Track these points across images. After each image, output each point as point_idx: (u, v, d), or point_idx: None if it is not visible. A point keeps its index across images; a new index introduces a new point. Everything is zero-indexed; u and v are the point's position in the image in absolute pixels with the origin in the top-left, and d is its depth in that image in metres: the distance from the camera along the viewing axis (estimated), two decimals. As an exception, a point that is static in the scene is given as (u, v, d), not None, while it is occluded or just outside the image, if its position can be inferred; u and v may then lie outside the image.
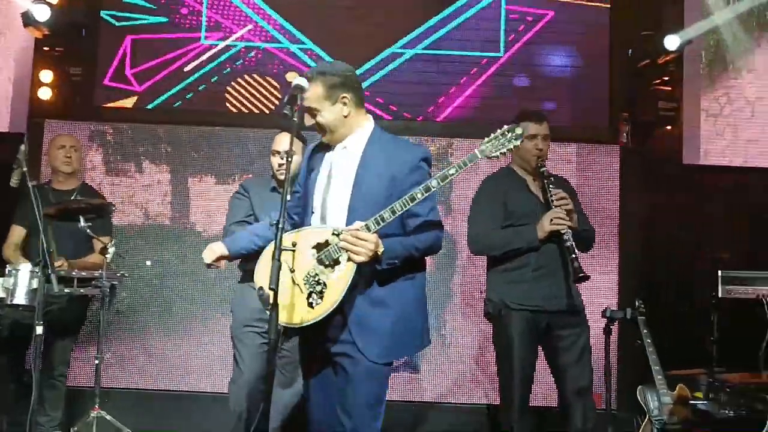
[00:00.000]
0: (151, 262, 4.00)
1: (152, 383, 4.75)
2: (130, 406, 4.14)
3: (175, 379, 4.77)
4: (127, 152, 4.99)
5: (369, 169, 2.51)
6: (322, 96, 2.52)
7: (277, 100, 5.28)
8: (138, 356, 4.76)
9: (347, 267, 2.40)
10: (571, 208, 3.36)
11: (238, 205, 3.51)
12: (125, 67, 5.31)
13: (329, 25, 5.35)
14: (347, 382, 2.50)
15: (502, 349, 3.41)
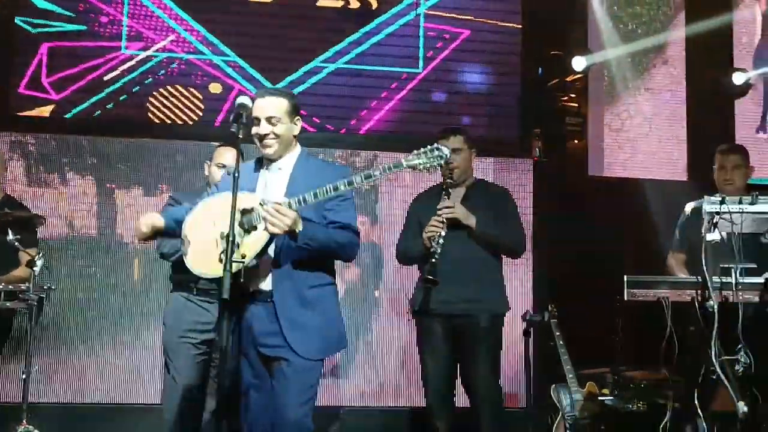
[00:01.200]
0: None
1: (80, 397, 4.68)
2: (57, 421, 4.05)
3: (103, 391, 4.72)
4: (51, 163, 4.91)
5: (298, 187, 2.67)
6: (286, 110, 2.74)
7: (200, 110, 5.30)
8: (64, 370, 4.68)
9: (261, 236, 2.57)
10: (451, 216, 3.57)
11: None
12: (41, 75, 5.19)
13: (252, 38, 5.42)
14: (282, 381, 2.66)
15: None
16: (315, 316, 2.71)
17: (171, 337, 3.51)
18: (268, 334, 2.68)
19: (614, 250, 5.08)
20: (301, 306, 2.69)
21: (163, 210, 3.49)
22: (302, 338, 2.67)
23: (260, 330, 2.69)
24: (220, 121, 5.29)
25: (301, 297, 2.70)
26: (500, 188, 4.04)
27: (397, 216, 5.14)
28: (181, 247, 2.71)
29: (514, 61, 5.61)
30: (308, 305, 2.70)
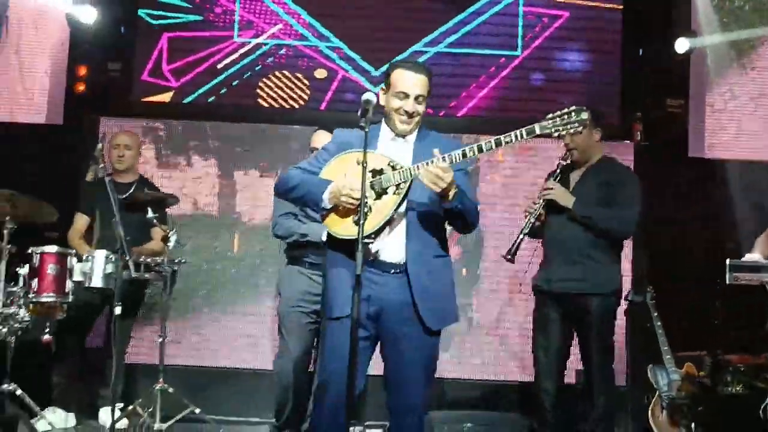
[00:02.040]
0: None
1: (204, 360, 5.11)
2: (185, 381, 4.45)
3: (224, 356, 5.13)
4: (178, 147, 5.34)
5: (423, 157, 2.68)
6: (429, 89, 2.78)
7: (306, 95, 5.57)
8: (190, 335, 5.11)
9: (391, 199, 2.65)
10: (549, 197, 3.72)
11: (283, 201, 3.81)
12: (162, 63, 5.59)
13: (356, 24, 5.62)
14: (409, 353, 2.69)
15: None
16: (439, 286, 2.74)
17: (285, 306, 3.82)
18: (400, 305, 2.69)
19: (714, 233, 5.05)
20: (428, 276, 2.70)
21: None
22: (430, 309, 2.69)
23: (391, 301, 2.69)
24: (326, 105, 5.56)
25: (428, 266, 2.71)
26: (621, 169, 3.98)
27: (497, 198, 5.32)
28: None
29: (614, 42, 5.59)
30: (433, 275, 2.72)
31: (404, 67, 2.79)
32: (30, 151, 5.20)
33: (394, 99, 2.76)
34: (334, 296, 2.72)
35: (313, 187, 2.73)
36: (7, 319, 3.56)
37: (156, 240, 4.29)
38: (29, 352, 3.85)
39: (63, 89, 5.52)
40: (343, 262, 2.70)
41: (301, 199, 2.83)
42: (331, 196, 2.66)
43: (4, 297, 3.57)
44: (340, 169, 2.71)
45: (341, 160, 2.76)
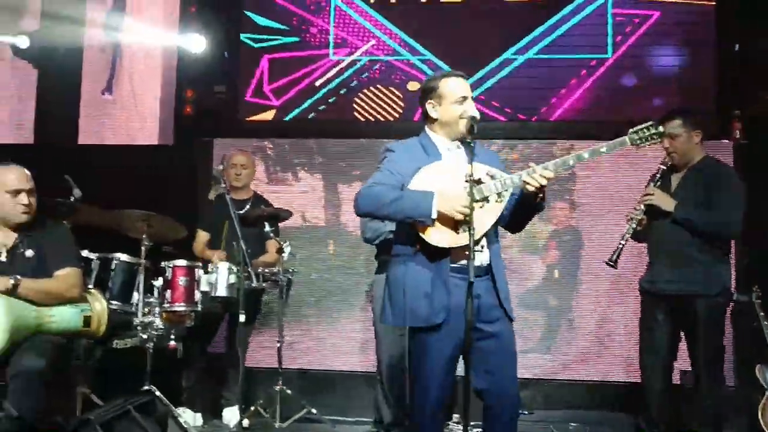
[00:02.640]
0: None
1: (315, 363, 5.40)
2: (301, 384, 4.75)
3: (335, 360, 5.41)
4: (284, 163, 5.68)
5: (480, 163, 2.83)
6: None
7: (401, 108, 5.77)
8: (304, 340, 5.43)
9: (494, 207, 2.75)
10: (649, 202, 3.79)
11: None
12: (264, 84, 5.92)
13: (445, 37, 5.78)
14: (502, 353, 2.81)
15: None
16: (505, 282, 2.87)
17: (379, 311, 4.02)
18: (490, 307, 2.80)
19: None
20: (501, 274, 2.86)
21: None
22: (508, 305, 2.85)
23: (483, 305, 2.77)
24: (420, 117, 5.73)
25: (500, 266, 2.87)
26: (724, 170, 3.96)
27: (594, 201, 5.37)
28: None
29: (707, 39, 5.51)
30: (502, 272, 2.88)
31: (450, 75, 2.94)
32: (144, 172, 5.62)
33: (455, 106, 2.87)
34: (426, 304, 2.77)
35: (415, 199, 2.75)
36: (146, 327, 3.92)
37: (271, 252, 4.60)
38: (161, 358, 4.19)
39: (172, 112, 5.95)
40: (423, 270, 2.79)
41: (398, 213, 2.79)
42: (440, 208, 2.72)
43: (143, 307, 3.92)
44: (429, 181, 2.79)
45: (428, 172, 2.82)
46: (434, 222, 2.74)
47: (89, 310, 3.45)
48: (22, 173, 3.40)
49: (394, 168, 2.86)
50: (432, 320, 2.77)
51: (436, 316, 2.76)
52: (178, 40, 5.69)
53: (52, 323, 3.26)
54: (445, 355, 2.80)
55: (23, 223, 3.38)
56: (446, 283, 2.77)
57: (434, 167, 2.84)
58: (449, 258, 2.79)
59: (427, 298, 2.77)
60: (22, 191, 3.35)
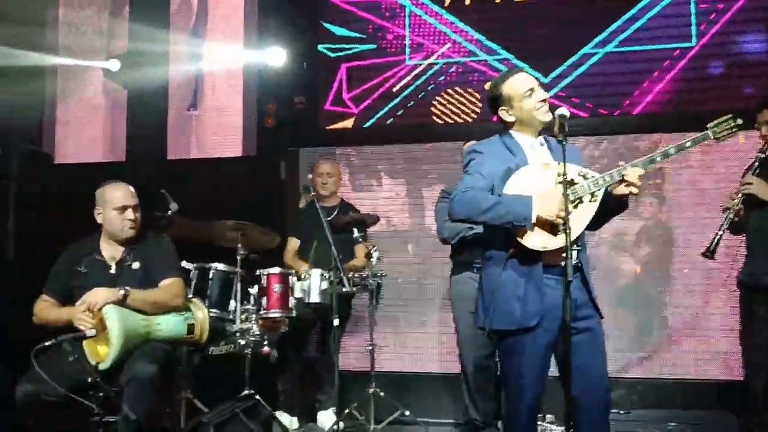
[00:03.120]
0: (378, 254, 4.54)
1: (406, 366, 5.47)
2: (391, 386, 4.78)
3: (424, 362, 5.47)
4: (368, 170, 5.77)
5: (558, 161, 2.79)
6: None
7: (478, 109, 5.77)
8: (394, 343, 5.50)
9: (588, 207, 2.75)
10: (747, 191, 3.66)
11: (446, 207, 4.00)
12: (342, 92, 6.03)
13: (521, 35, 5.75)
14: (594, 349, 2.80)
15: None
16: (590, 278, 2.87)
17: (458, 312, 4.06)
18: (581, 305, 2.79)
19: None
20: (588, 271, 2.86)
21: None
22: (595, 298, 2.85)
23: (575, 302, 2.73)
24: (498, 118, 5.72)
25: (586, 261, 2.86)
26: None
27: (683, 194, 5.23)
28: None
29: (799, 21, 5.33)
30: (588, 269, 2.87)
31: (509, 75, 2.95)
32: (229, 184, 5.80)
33: (526, 101, 2.87)
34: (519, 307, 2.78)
35: (512, 206, 2.75)
36: (243, 334, 4.05)
37: (360, 257, 4.69)
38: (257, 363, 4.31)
39: (254, 125, 6.13)
40: (517, 273, 2.80)
41: (495, 219, 2.79)
42: (539, 212, 2.71)
43: (240, 314, 4.06)
44: (524, 185, 2.79)
45: (522, 175, 2.82)
46: (533, 226, 2.75)
47: (192, 318, 3.60)
48: (128, 190, 3.57)
49: (483, 170, 2.87)
50: (525, 323, 2.78)
51: (529, 319, 2.77)
52: (258, 56, 5.86)
53: (159, 331, 3.42)
54: (539, 354, 2.81)
55: (130, 237, 3.54)
56: (540, 286, 2.78)
57: (529, 169, 2.84)
58: (542, 260, 2.79)
59: (520, 301, 2.79)
60: (128, 207, 3.52)
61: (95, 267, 3.51)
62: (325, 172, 4.90)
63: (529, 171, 2.84)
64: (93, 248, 3.55)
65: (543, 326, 2.77)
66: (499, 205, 2.77)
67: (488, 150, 2.93)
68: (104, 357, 3.19)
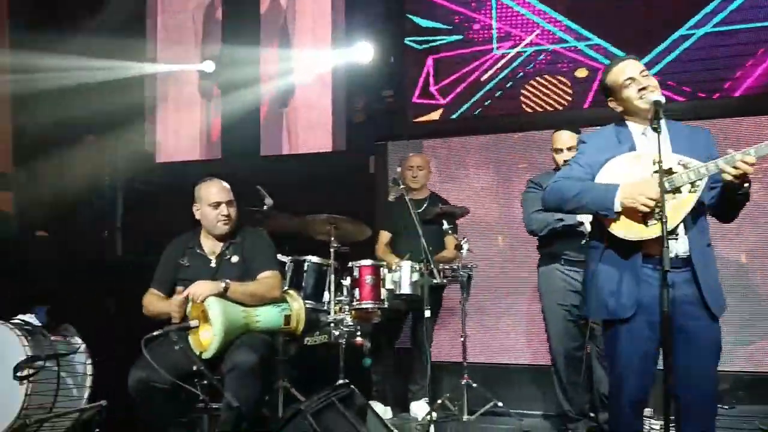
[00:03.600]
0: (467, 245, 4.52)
1: (497, 357, 5.43)
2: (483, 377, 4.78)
3: (515, 353, 5.41)
4: (456, 161, 5.76)
5: (681, 147, 2.75)
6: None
7: (569, 96, 5.66)
8: (484, 334, 5.47)
9: (687, 198, 2.65)
10: None
11: (534, 197, 3.97)
12: (429, 84, 6.04)
13: (612, 19, 5.58)
14: (701, 346, 2.71)
15: None
16: (715, 275, 2.77)
17: (548, 304, 4.00)
18: (687, 301, 2.71)
19: None
20: (706, 267, 2.74)
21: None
22: (715, 299, 2.73)
23: (679, 297, 2.70)
24: (589, 104, 5.60)
25: (705, 257, 2.75)
26: None
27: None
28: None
29: None
30: (709, 265, 2.76)
31: (614, 64, 2.91)
32: (320, 177, 5.92)
33: (626, 90, 2.83)
34: (614, 298, 2.75)
35: (598, 193, 2.74)
36: (338, 324, 4.15)
37: (450, 248, 4.70)
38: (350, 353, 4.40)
39: (343, 119, 6.23)
40: (613, 263, 2.76)
41: (582, 208, 2.82)
42: (623, 200, 2.68)
43: (334, 305, 4.15)
44: (618, 172, 2.75)
45: (617, 163, 2.79)
46: (620, 215, 2.70)
47: (289, 310, 3.71)
48: (222, 187, 3.71)
49: (583, 160, 2.87)
50: (619, 314, 2.75)
51: (623, 309, 2.73)
52: (346, 53, 5.95)
53: (258, 322, 3.54)
54: (639, 345, 2.75)
55: (225, 232, 3.68)
56: (637, 276, 2.72)
57: (625, 157, 2.79)
58: (641, 251, 2.73)
59: (615, 291, 2.75)
60: (222, 203, 3.66)
61: (197, 261, 3.67)
62: (415, 165, 4.93)
63: (625, 159, 2.79)
64: (195, 243, 3.72)
65: (642, 317, 2.71)
66: (584, 194, 2.77)
67: (593, 139, 2.94)
68: (207, 347, 3.33)
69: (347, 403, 3.25)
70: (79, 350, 3.91)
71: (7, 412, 3.53)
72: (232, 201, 3.71)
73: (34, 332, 3.77)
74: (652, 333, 2.71)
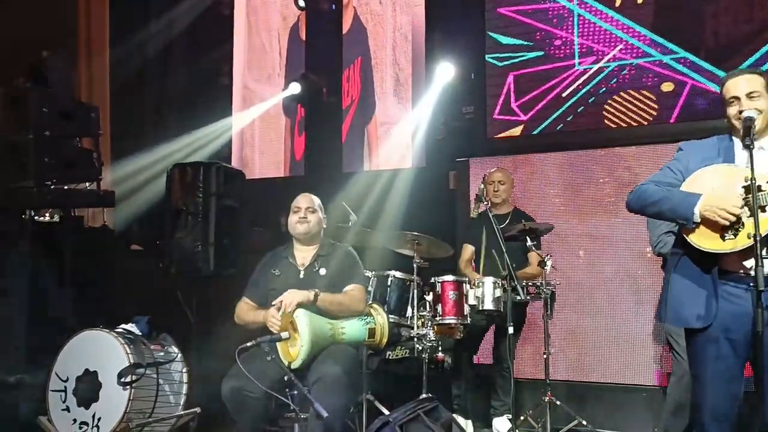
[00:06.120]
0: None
1: (582, 375, 5.34)
2: (567, 395, 4.76)
3: (601, 371, 5.31)
4: (539, 177, 5.76)
5: None
6: (764, 86, 2.80)
7: (654, 111, 5.56)
8: (569, 351, 5.41)
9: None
10: None
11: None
12: (510, 101, 6.06)
13: (699, 30, 5.48)
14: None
15: None
16: None
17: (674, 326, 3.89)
18: None
19: None
20: None
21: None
22: None
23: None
24: (675, 118, 5.50)
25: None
26: None
27: None
28: None
29: None
30: None
31: (731, 76, 2.86)
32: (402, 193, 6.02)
33: (728, 108, 2.82)
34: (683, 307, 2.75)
35: (678, 200, 2.73)
36: (420, 339, 4.21)
37: (533, 264, 4.70)
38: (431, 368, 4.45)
39: (424, 136, 6.33)
40: (688, 273, 2.76)
41: (662, 214, 2.82)
42: (703, 210, 2.66)
43: (417, 320, 4.22)
44: (705, 182, 2.74)
45: (705, 173, 2.77)
46: (699, 225, 2.69)
47: (373, 323, 3.81)
48: (307, 197, 3.93)
49: (675, 166, 2.88)
50: (688, 323, 2.76)
51: (692, 320, 2.73)
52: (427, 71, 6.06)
53: (344, 334, 3.65)
54: (722, 362, 2.71)
55: (306, 235, 3.82)
56: (713, 290, 2.69)
57: (717, 168, 2.78)
58: (719, 264, 2.70)
59: (684, 300, 2.76)
60: (302, 208, 3.85)
61: (287, 271, 3.83)
62: (497, 180, 4.97)
63: (716, 170, 2.78)
64: (287, 253, 3.89)
65: (723, 335, 2.67)
66: (665, 200, 2.77)
67: (691, 148, 2.93)
68: (295, 357, 3.45)
69: (433, 416, 3.30)
70: (176, 359, 4.11)
71: (113, 415, 3.76)
72: (314, 209, 3.87)
73: (135, 341, 4.00)
74: (734, 351, 2.68)
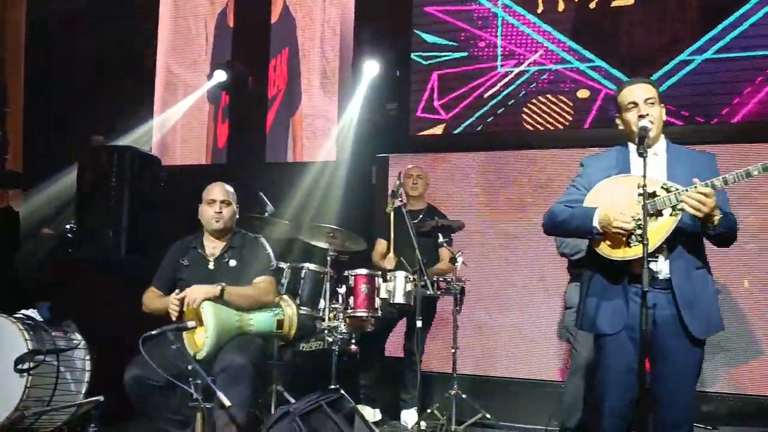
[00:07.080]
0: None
1: (487, 370, 5.50)
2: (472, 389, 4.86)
3: (506, 366, 5.47)
4: (456, 176, 5.87)
5: (677, 172, 2.82)
6: (657, 95, 2.91)
7: (570, 116, 5.75)
8: (476, 347, 5.54)
9: (668, 221, 2.70)
10: None
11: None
12: (433, 99, 6.15)
13: (615, 42, 5.69)
14: (673, 366, 2.75)
15: None
16: (702, 296, 2.78)
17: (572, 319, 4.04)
18: (667, 319, 2.76)
19: None
20: (691, 287, 2.76)
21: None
22: (696, 318, 2.75)
23: (661, 318, 2.75)
24: (589, 124, 5.70)
25: (690, 279, 2.77)
26: None
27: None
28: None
29: None
30: (696, 287, 2.78)
31: (625, 85, 2.95)
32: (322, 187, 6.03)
33: (626, 114, 2.90)
34: (597, 313, 2.85)
35: (580, 218, 2.84)
36: (332, 331, 4.23)
37: (444, 261, 4.79)
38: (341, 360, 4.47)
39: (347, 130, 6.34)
40: (601, 281, 2.87)
41: (573, 232, 2.94)
42: (601, 223, 2.76)
43: (329, 312, 4.24)
44: (606, 194, 2.84)
45: (604, 186, 2.87)
46: (605, 237, 2.79)
47: (282, 314, 3.81)
48: (222, 188, 3.86)
49: (579, 182, 2.99)
50: (601, 329, 2.86)
51: (604, 326, 2.84)
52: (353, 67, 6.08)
53: (251, 326, 3.64)
54: (620, 364, 2.82)
55: (220, 231, 3.79)
56: (623, 295, 2.81)
57: (615, 179, 2.88)
58: (628, 270, 2.81)
59: (598, 307, 2.86)
60: (217, 201, 3.79)
61: (196, 261, 3.79)
62: (416, 174, 5.07)
63: (613, 181, 2.88)
64: (197, 243, 3.84)
65: (626, 333, 2.78)
66: (572, 218, 2.88)
67: (592, 162, 3.03)
68: (201, 347, 3.43)
69: (336, 407, 3.33)
70: (78, 346, 4.01)
71: (6, 403, 3.63)
72: (229, 202, 3.83)
73: (35, 327, 3.87)
74: (635, 349, 2.77)
